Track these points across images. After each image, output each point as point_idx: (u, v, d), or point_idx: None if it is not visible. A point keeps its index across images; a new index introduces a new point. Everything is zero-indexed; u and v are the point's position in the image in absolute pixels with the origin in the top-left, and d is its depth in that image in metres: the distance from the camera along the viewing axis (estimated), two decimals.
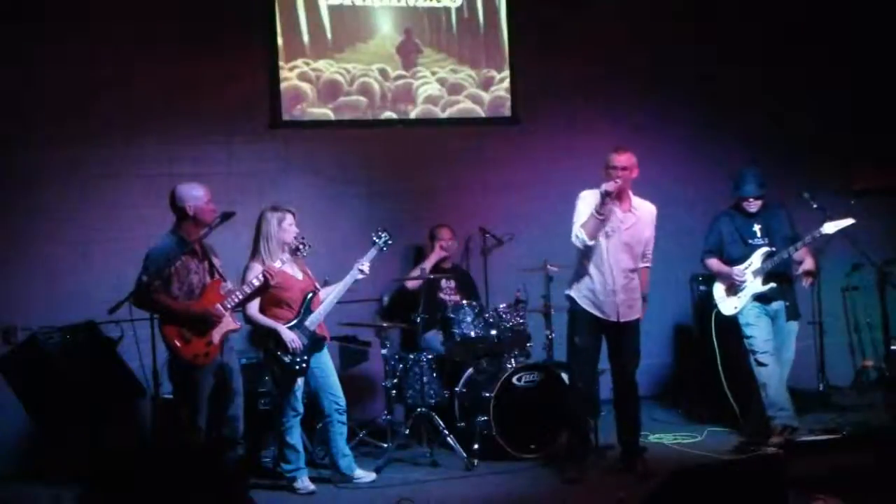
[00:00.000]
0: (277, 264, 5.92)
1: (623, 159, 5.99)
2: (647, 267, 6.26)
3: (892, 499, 4.85)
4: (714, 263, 6.88)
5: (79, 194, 7.01)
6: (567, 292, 6.21)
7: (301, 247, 6.00)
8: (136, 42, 7.09)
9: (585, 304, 6.09)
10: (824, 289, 8.03)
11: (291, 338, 6.00)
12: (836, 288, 8.38)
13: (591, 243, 5.96)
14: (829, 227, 6.60)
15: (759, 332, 6.72)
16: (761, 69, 8.44)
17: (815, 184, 7.23)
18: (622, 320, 6.08)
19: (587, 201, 6.01)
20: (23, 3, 6.90)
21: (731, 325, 6.82)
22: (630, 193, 6.13)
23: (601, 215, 5.90)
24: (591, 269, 6.05)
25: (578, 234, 5.98)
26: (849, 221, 6.58)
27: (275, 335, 6.00)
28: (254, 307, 6.03)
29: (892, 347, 7.10)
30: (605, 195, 5.87)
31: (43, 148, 6.91)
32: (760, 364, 6.72)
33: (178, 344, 5.65)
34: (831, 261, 7.93)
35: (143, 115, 7.12)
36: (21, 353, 6.38)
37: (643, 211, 6.17)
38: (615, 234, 6.02)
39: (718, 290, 6.87)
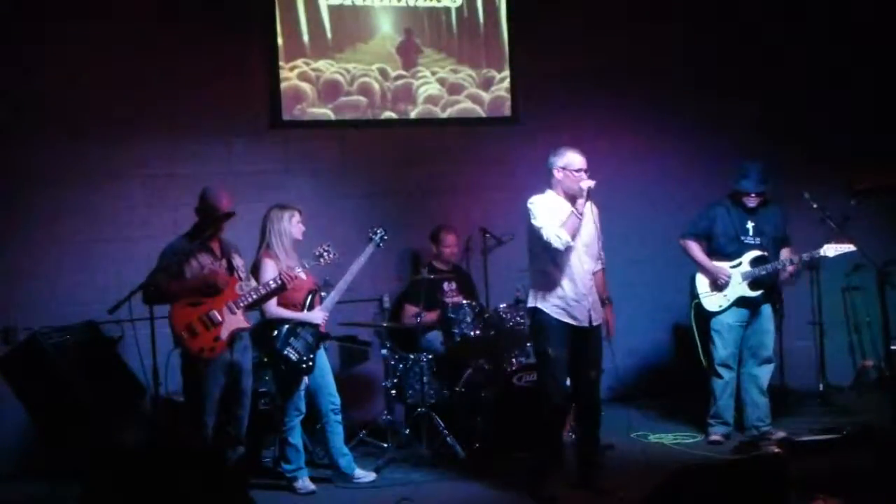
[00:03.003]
0: (300, 273, 5.97)
1: (585, 161, 5.85)
2: (602, 269, 6.07)
3: (892, 499, 4.85)
4: (695, 249, 6.88)
5: (79, 194, 7.01)
6: (532, 305, 5.86)
7: (325, 254, 6.05)
8: (136, 42, 7.08)
9: (557, 314, 5.80)
10: (824, 289, 8.04)
11: (324, 316, 6.13)
12: (836, 288, 8.38)
13: (573, 244, 5.75)
14: (829, 251, 6.66)
15: (724, 345, 6.80)
16: (761, 69, 8.44)
17: (815, 184, 7.23)
18: (593, 324, 5.89)
19: (546, 205, 5.82)
20: (23, 3, 6.90)
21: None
22: None
23: (582, 214, 5.75)
24: (559, 275, 5.80)
25: (560, 236, 5.70)
26: (849, 247, 6.64)
27: (280, 332, 6.03)
28: (273, 303, 6.07)
29: (892, 347, 7.09)
30: (590, 192, 5.73)
31: (43, 148, 6.91)
32: (717, 375, 6.81)
33: (185, 336, 5.68)
34: (831, 261, 7.91)
35: (143, 114, 7.11)
36: (21, 353, 6.38)
37: (589, 210, 5.92)
38: (577, 237, 5.82)
39: (702, 283, 6.86)
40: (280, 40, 7.48)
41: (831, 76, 8.52)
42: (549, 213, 5.80)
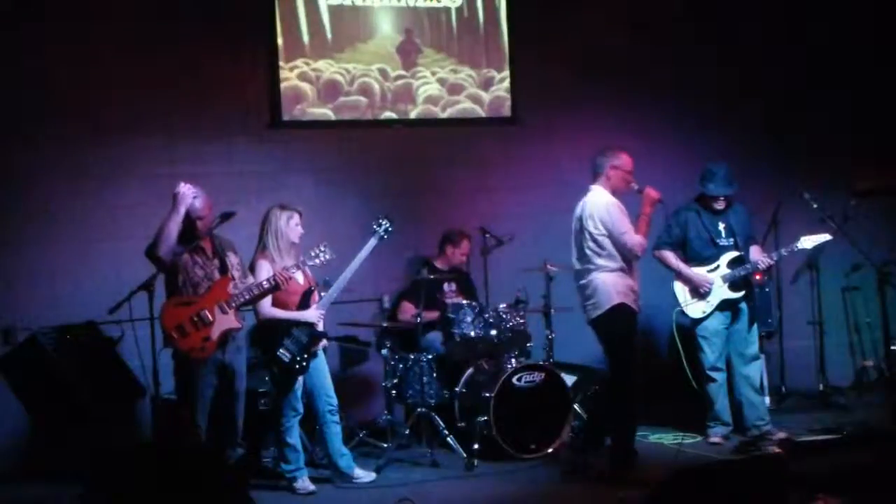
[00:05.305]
0: (297, 275, 5.95)
1: None
2: None
3: (892, 499, 4.85)
4: (672, 258, 6.87)
5: (79, 194, 7.00)
6: (617, 301, 5.98)
7: (321, 254, 6.04)
8: (136, 42, 7.09)
9: (633, 304, 6.07)
10: (824, 289, 8.04)
11: (319, 314, 6.07)
12: (836, 288, 8.38)
13: None
14: (806, 242, 6.66)
15: (711, 350, 6.80)
16: (761, 69, 8.44)
17: (815, 184, 7.24)
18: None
19: (619, 208, 6.07)
20: (23, 4, 6.90)
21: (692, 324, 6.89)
22: None
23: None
24: (630, 272, 6.08)
25: (644, 245, 6.05)
26: (825, 237, 6.64)
27: (276, 333, 6.01)
28: (267, 304, 6.04)
29: (892, 347, 7.10)
30: (661, 200, 6.11)
31: (43, 148, 6.91)
32: (710, 379, 6.80)
33: (175, 336, 5.66)
34: (831, 261, 7.93)
35: (143, 115, 7.11)
36: (21, 353, 6.38)
37: None
38: None
39: (682, 291, 6.83)
40: (280, 40, 7.48)
41: (831, 76, 8.52)
42: (624, 217, 6.03)
